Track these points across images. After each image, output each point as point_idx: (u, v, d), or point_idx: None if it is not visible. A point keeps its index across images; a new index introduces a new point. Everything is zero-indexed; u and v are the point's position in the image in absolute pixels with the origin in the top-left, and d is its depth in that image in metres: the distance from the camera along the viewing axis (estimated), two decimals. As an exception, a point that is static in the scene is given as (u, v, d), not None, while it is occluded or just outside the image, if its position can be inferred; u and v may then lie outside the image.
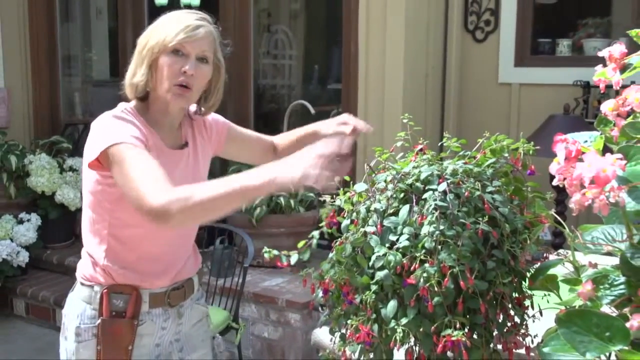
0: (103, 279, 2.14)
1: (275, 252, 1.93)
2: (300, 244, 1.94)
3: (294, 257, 1.93)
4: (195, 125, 2.30)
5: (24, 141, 6.09)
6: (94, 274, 2.16)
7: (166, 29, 2.07)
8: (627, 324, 1.31)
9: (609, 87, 1.51)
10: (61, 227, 5.54)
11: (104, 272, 2.14)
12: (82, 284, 2.19)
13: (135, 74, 2.10)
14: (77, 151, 5.87)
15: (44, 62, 6.32)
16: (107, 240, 2.12)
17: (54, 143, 5.77)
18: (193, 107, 2.31)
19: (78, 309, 2.16)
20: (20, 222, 5.27)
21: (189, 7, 8.24)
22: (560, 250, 1.88)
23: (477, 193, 1.76)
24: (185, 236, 2.26)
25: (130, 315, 2.11)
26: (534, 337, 1.81)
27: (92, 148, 1.97)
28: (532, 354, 1.83)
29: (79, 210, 5.37)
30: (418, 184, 1.81)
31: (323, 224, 1.93)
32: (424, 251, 1.69)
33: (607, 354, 1.33)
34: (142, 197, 1.82)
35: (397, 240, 1.74)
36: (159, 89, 2.09)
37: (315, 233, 1.93)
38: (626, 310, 1.38)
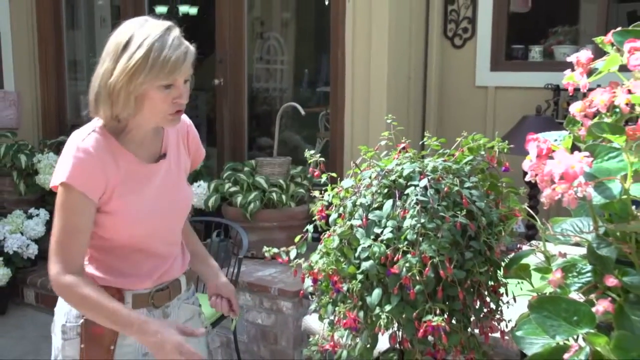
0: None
1: (275, 249, 1.93)
2: (297, 239, 1.94)
3: (293, 253, 1.93)
4: (179, 132, 2.15)
5: (32, 141, 6.06)
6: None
7: (153, 62, 1.83)
8: (593, 309, 1.32)
9: (577, 90, 1.51)
10: (68, 221, 5.53)
11: (91, 271, 2.05)
12: None
13: (116, 105, 1.88)
14: (83, 150, 5.85)
15: (52, 67, 6.28)
16: (89, 251, 2.03)
17: (61, 143, 5.74)
18: (185, 119, 2.17)
19: (65, 308, 2.09)
20: (30, 217, 5.25)
21: (187, 15, 8.23)
22: (533, 241, 1.89)
23: (456, 188, 1.77)
24: (169, 244, 2.14)
25: None
26: (508, 322, 1.82)
27: (54, 174, 1.92)
28: (506, 337, 1.84)
29: (84, 206, 5.36)
30: (401, 180, 1.81)
31: (316, 217, 1.93)
32: (406, 243, 1.69)
33: (575, 337, 1.33)
34: (51, 260, 2.00)
35: (382, 232, 1.74)
36: (147, 119, 1.94)
37: (310, 227, 1.93)
38: (592, 296, 1.39)
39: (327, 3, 4.51)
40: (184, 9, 8.33)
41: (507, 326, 1.83)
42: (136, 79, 1.84)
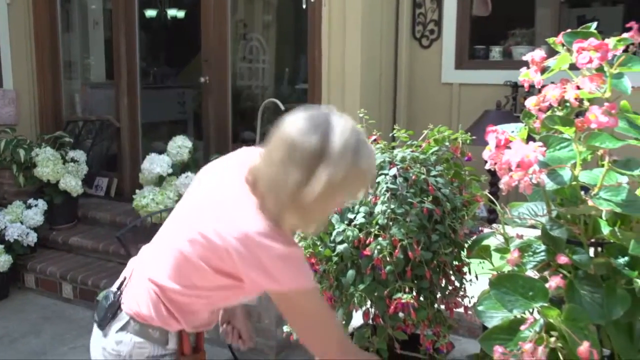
0: (172, 325, 1.78)
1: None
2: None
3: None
4: None
5: (30, 136, 6.01)
6: (165, 319, 1.75)
7: (359, 178, 1.48)
8: (547, 285, 1.34)
9: (532, 86, 1.53)
10: (65, 211, 5.48)
11: (176, 322, 1.77)
12: (138, 322, 1.74)
13: (309, 216, 1.51)
14: (78, 145, 5.80)
15: (48, 67, 6.23)
16: (192, 303, 1.75)
17: (57, 138, 5.69)
18: None
19: (144, 350, 1.77)
20: (29, 207, 5.21)
21: (174, 18, 8.17)
22: (493, 225, 1.91)
23: (423, 176, 1.78)
24: None
25: (200, 347, 1.87)
26: (471, 298, 1.85)
27: (287, 280, 1.54)
28: (469, 312, 1.86)
29: (80, 196, 5.32)
30: (372, 170, 1.83)
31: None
32: (377, 227, 1.71)
33: (531, 310, 1.36)
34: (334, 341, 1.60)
35: (355, 218, 1.76)
36: (312, 226, 1.59)
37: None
38: (546, 273, 1.41)
39: (304, 7, 4.50)
40: (172, 12, 8.28)
41: (470, 302, 1.85)
42: (340, 194, 1.51)
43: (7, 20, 6.07)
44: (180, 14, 8.29)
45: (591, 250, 1.44)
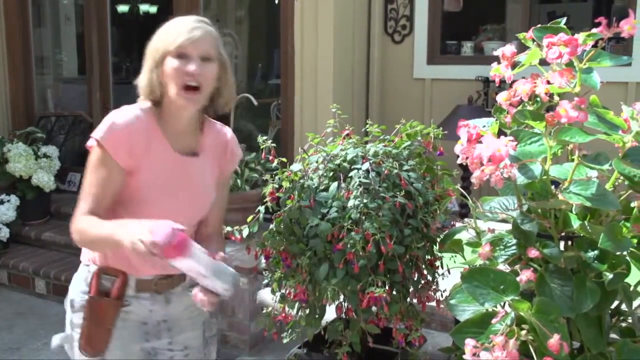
0: (99, 260, 2.01)
1: (229, 228, 1.92)
2: (249, 219, 1.93)
3: (245, 231, 1.92)
4: (218, 141, 2.08)
5: (2, 132, 5.92)
6: (92, 256, 2.03)
7: (167, 35, 1.91)
8: (518, 278, 1.34)
9: (503, 81, 1.53)
10: (37, 206, 5.41)
11: (101, 254, 2.00)
12: (83, 264, 2.05)
13: (148, 71, 1.93)
14: (50, 140, 5.73)
15: (20, 62, 6.14)
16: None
17: (30, 133, 5.62)
18: (227, 131, 2.11)
19: (76, 285, 2.04)
20: (1, 202, 5.14)
21: (147, 14, 8.10)
22: (465, 219, 1.91)
23: (395, 171, 1.78)
24: None
25: (115, 296, 1.97)
26: (443, 291, 1.84)
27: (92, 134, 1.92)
28: (441, 305, 1.86)
29: (52, 192, 5.25)
30: (345, 164, 1.82)
31: (267, 200, 1.92)
32: (350, 221, 1.70)
33: (502, 304, 1.36)
34: (75, 211, 1.88)
35: (328, 212, 1.74)
36: (170, 93, 1.90)
37: (261, 208, 1.92)
38: (517, 267, 1.41)
39: (277, 2, 4.48)
40: (144, 7, 8.20)
41: (442, 296, 1.85)
42: (154, 47, 1.92)
43: (-23, 15, 5.97)
44: (153, 9, 8.22)
45: (561, 244, 1.45)
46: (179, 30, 1.91)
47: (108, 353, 1.98)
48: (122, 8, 7.64)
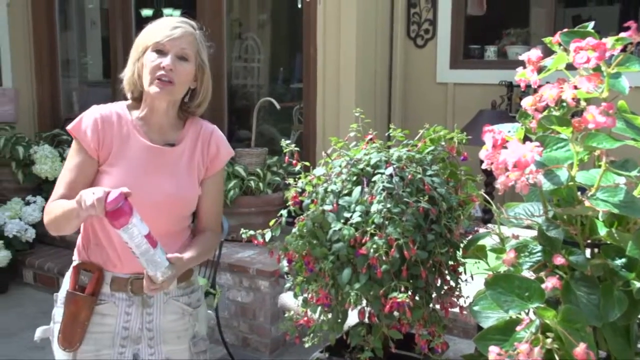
0: (80, 254, 2.05)
1: (252, 232, 1.91)
2: (272, 222, 1.92)
3: (268, 235, 1.91)
4: (201, 136, 2.10)
5: (29, 134, 5.99)
6: (77, 249, 2.08)
7: (150, 31, 2.02)
8: (543, 286, 1.32)
9: (528, 86, 1.51)
10: (62, 207, 5.50)
11: (83, 248, 2.05)
12: (73, 260, 2.10)
13: (125, 71, 2.06)
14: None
15: (46, 66, 6.21)
16: (89, 219, 2.00)
17: (55, 135, 5.67)
18: (210, 126, 2.15)
19: (64, 281, 2.09)
20: (28, 203, 5.20)
21: (170, 17, 8.14)
22: (489, 225, 1.89)
23: (419, 176, 1.76)
24: (156, 235, 1.90)
25: (90, 292, 1.98)
26: (466, 298, 1.82)
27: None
28: (464, 312, 1.84)
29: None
30: (368, 169, 1.80)
31: (290, 203, 1.91)
32: (373, 226, 1.69)
33: (527, 311, 1.34)
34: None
35: (351, 216, 1.73)
36: (145, 86, 1.99)
37: (284, 212, 1.91)
38: (542, 274, 1.39)
39: (299, 6, 4.48)
40: (167, 11, 8.24)
41: (465, 302, 1.83)
42: (137, 42, 2.05)
43: (7, 20, 6.07)
44: (176, 13, 8.25)
45: (588, 252, 1.42)
46: (160, 28, 2.01)
47: (80, 352, 2.00)
48: (147, 12, 7.68)
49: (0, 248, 4.81)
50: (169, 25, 2.01)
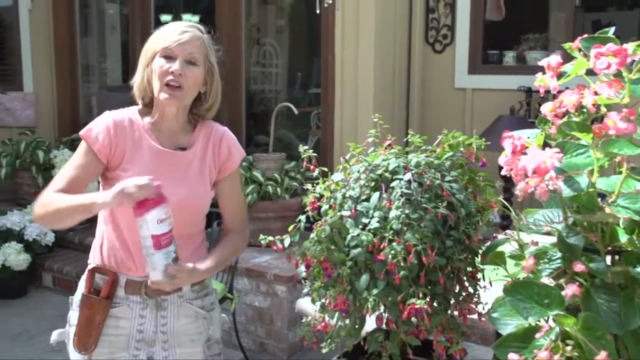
0: (95, 258, 2.07)
1: (270, 237, 1.91)
2: (290, 227, 1.92)
3: (287, 241, 1.91)
4: (212, 139, 2.12)
5: (49, 138, 6.05)
6: (93, 253, 2.09)
7: (158, 37, 2.03)
8: (563, 293, 1.31)
9: (547, 91, 1.50)
10: (82, 212, 5.53)
11: (98, 251, 2.07)
12: (88, 263, 2.12)
13: (135, 77, 2.08)
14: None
15: (66, 71, 6.26)
16: (105, 219, 2.06)
17: (75, 140, 5.72)
18: (221, 128, 2.16)
19: (80, 284, 2.10)
20: (47, 207, 5.24)
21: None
22: (507, 231, 1.88)
23: (437, 182, 1.76)
24: None
25: (104, 295, 2.00)
26: (485, 304, 1.81)
27: None
28: (483, 318, 1.83)
29: (96, 197, 5.35)
30: (387, 174, 1.80)
31: (308, 209, 1.92)
32: (392, 232, 1.68)
33: (546, 318, 1.33)
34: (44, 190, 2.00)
35: (369, 222, 1.73)
36: (155, 91, 2.01)
37: (302, 217, 1.91)
38: (562, 281, 1.38)
39: (318, 12, 4.49)
40: (186, 17, 8.29)
41: (483, 308, 1.82)
42: (146, 48, 2.05)
43: (28, 25, 6.13)
44: (195, 18, 8.30)
45: (608, 259, 1.41)
46: (168, 33, 2.02)
47: (95, 355, 2.02)
48: (166, 17, 7.72)
49: (20, 251, 4.85)
50: (177, 30, 2.02)
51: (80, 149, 2.03)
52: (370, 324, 1.85)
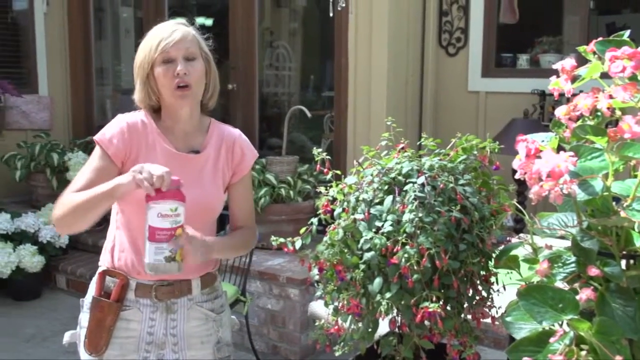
0: (107, 261, 2.08)
1: (282, 239, 1.91)
2: (302, 230, 1.93)
3: (298, 243, 1.91)
4: (225, 140, 2.14)
5: (64, 141, 6.08)
6: (103, 256, 2.11)
7: (149, 44, 2.00)
8: (577, 297, 1.30)
9: (561, 95, 1.50)
10: (95, 214, 5.56)
11: (110, 254, 2.08)
12: (99, 266, 2.13)
13: (140, 87, 2.05)
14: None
15: (81, 74, 6.30)
16: (116, 223, 2.08)
17: (89, 142, 5.75)
18: (234, 131, 2.18)
19: (90, 287, 2.12)
20: (61, 209, 5.27)
21: (203, 26, 8.22)
22: (521, 234, 1.87)
23: (451, 185, 1.75)
24: None
25: (115, 298, 2.01)
26: (499, 308, 1.80)
27: None
28: (496, 322, 1.82)
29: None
30: (400, 178, 1.80)
31: (321, 212, 1.92)
32: (405, 235, 1.68)
33: (560, 322, 1.32)
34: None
35: (382, 225, 1.73)
36: (165, 98, 2.01)
37: (315, 220, 1.91)
38: (576, 285, 1.37)
39: (331, 15, 4.49)
40: (200, 20, 8.32)
41: (497, 312, 1.81)
42: (141, 59, 2.02)
43: (43, 29, 6.18)
44: (209, 21, 8.33)
45: (623, 263, 1.40)
46: (159, 37, 2.00)
47: (105, 357, 2.03)
48: (180, 21, 7.78)
49: (34, 253, 4.88)
50: (167, 32, 2.00)
51: (95, 153, 2.02)
52: (383, 327, 1.85)
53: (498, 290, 1.84)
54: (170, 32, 2.00)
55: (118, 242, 2.07)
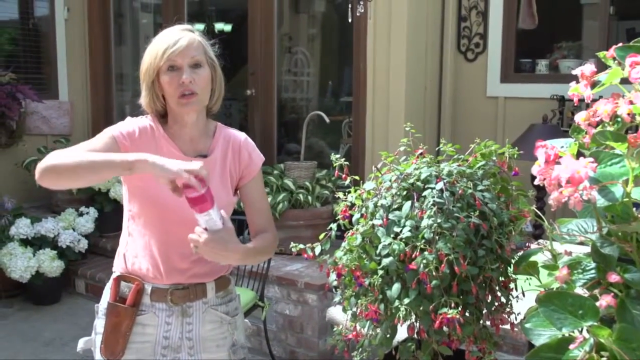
0: (121, 266, 2.10)
1: (302, 245, 1.92)
2: (321, 236, 1.93)
3: (318, 249, 1.92)
4: (231, 144, 2.15)
5: (83, 146, 6.12)
6: (117, 262, 2.12)
7: (155, 52, 2.00)
8: (597, 304, 1.30)
9: (581, 100, 1.49)
10: (114, 218, 5.56)
11: (123, 260, 2.09)
12: (112, 271, 2.15)
13: (145, 93, 2.06)
14: (128, 155, 5.91)
15: (101, 80, 6.36)
16: (129, 229, 2.09)
17: (109, 148, 5.81)
18: (240, 135, 2.18)
19: (104, 292, 2.14)
20: (81, 214, 5.31)
21: (222, 32, 8.27)
22: (540, 240, 1.87)
23: (470, 191, 1.75)
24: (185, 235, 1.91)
25: (130, 303, 2.03)
26: (518, 314, 1.80)
27: None
28: (515, 329, 1.82)
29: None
30: (419, 183, 1.80)
31: (339, 217, 1.92)
32: (423, 241, 1.68)
33: (580, 329, 1.32)
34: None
35: (401, 231, 1.73)
36: (171, 104, 2.02)
37: (333, 225, 1.92)
38: (596, 291, 1.37)
39: (350, 20, 4.50)
40: (219, 26, 8.38)
41: (516, 319, 1.81)
42: (146, 66, 2.02)
43: (64, 34, 6.24)
44: (227, 27, 8.39)
45: (643, 269, 1.40)
46: (165, 45, 1.99)
47: None
48: (198, 27, 7.82)
49: (53, 258, 4.92)
50: (172, 39, 2.00)
51: (100, 140, 1.97)
52: (401, 333, 1.85)
53: (517, 297, 1.83)
54: (175, 39, 2.00)
55: (131, 248, 2.09)
